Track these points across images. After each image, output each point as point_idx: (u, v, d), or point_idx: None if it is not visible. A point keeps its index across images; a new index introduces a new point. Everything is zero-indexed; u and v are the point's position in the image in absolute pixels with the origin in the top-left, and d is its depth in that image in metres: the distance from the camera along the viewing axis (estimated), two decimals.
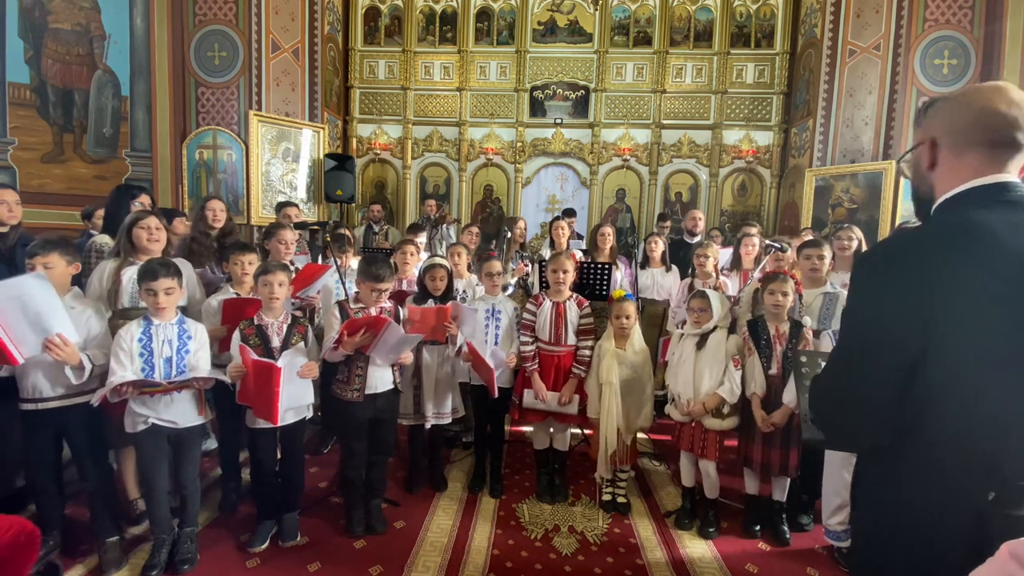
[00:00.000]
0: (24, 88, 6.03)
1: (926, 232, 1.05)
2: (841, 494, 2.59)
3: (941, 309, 0.93)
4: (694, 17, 7.54)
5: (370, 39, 7.90)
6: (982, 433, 0.93)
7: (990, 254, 0.93)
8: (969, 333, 0.92)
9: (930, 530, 0.98)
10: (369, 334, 2.48)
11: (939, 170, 1.09)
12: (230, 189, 6.39)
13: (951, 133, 1.07)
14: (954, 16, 5.97)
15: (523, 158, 7.82)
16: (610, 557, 2.62)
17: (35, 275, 2.11)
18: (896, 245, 1.06)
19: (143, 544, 2.53)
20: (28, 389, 2.25)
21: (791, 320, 2.79)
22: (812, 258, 3.01)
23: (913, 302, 0.95)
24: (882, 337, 0.99)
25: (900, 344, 0.97)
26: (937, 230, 1.04)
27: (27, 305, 2.03)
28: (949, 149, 1.07)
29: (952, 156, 1.07)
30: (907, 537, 1.02)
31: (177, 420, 2.35)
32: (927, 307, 0.94)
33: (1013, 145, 1.01)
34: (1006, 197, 1.00)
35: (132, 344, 2.25)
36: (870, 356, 1.01)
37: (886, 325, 0.98)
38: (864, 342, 1.03)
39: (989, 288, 0.91)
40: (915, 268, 0.96)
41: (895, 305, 0.97)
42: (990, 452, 0.93)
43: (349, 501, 2.77)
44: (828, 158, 6.45)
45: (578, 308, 3.07)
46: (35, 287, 2.06)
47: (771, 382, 2.72)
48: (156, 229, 2.70)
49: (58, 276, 2.27)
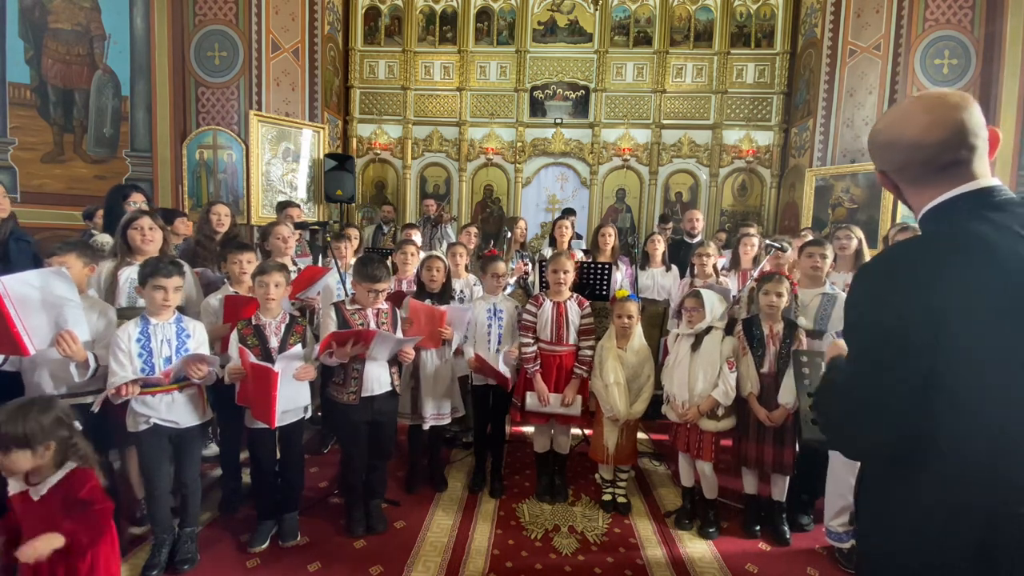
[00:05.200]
0: (24, 88, 6.02)
1: (924, 243, 1.03)
2: (844, 496, 2.60)
3: (947, 319, 0.91)
4: (694, 17, 7.53)
5: (370, 39, 7.89)
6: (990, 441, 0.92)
7: (989, 264, 0.91)
8: (976, 343, 0.91)
9: (937, 537, 0.97)
10: (360, 344, 2.47)
11: (907, 194, 1.10)
12: (230, 189, 6.39)
13: (897, 172, 1.08)
14: (954, 16, 5.96)
15: (523, 158, 7.82)
16: (610, 557, 2.62)
17: (56, 270, 2.12)
18: (897, 256, 1.04)
19: (143, 544, 2.53)
20: (32, 386, 2.27)
21: (786, 320, 2.79)
22: (815, 256, 3.01)
23: (920, 313, 0.93)
24: (893, 352, 0.96)
25: (912, 354, 0.94)
26: (934, 241, 1.03)
27: (46, 298, 2.06)
28: (903, 182, 1.08)
29: (908, 186, 1.08)
30: (914, 543, 1.01)
31: (178, 420, 2.35)
32: (934, 317, 0.92)
33: (960, 161, 1.00)
34: (993, 202, 0.98)
35: (130, 344, 2.25)
36: (883, 371, 0.98)
37: (895, 339, 0.96)
38: (874, 357, 1.00)
39: (991, 298, 0.90)
40: (918, 279, 0.95)
41: (902, 319, 0.95)
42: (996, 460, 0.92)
43: (349, 501, 2.77)
44: (828, 158, 6.44)
45: (579, 308, 3.07)
46: (56, 281, 2.08)
47: (763, 380, 2.75)
48: (149, 229, 2.70)
49: (74, 276, 2.29)
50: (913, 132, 1.01)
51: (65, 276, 2.11)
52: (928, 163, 1.01)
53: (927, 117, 1.00)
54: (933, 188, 1.03)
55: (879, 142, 1.09)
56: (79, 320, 2.15)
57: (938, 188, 1.03)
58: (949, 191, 1.01)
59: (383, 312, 2.72)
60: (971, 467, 0.94)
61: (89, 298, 2.43)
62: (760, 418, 2.71)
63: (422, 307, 2.86)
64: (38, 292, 2.04)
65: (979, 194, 1.00)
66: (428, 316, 2.84)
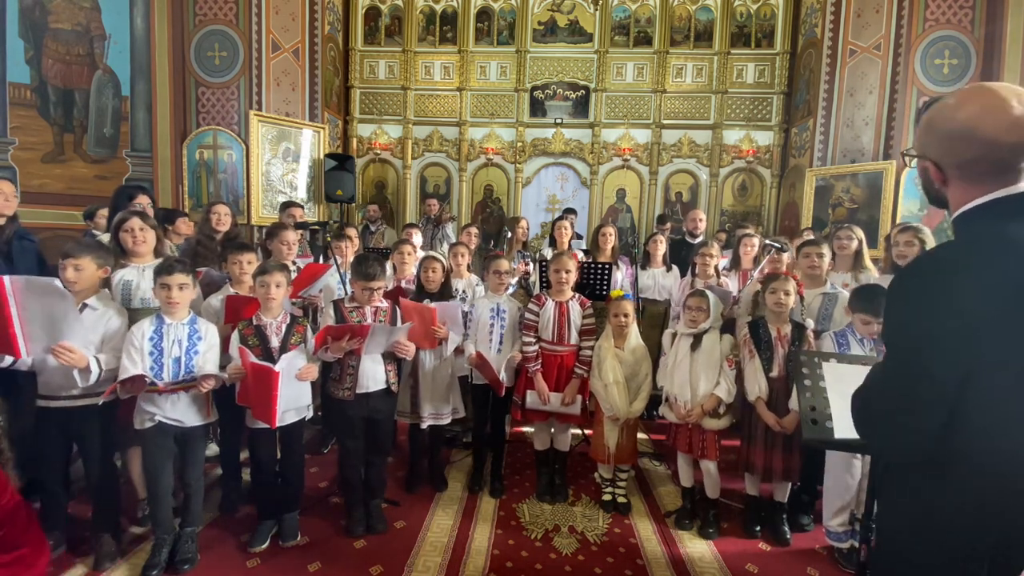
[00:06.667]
0: (24, 88, 6.02)
1: (965, 247, 1.00)
2: (843, 496, 2.59)
3: (983, 324, 0.90)
4: (694, 17, 7.54)
5: (370, 39, 7.90)
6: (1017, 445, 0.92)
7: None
8: (1009, 347, 0.90)
9: (957, 537, 0.97)
10: (356, 339, 2.49)
11: (951, 188, 1.04)
12: (230, 189, 6.39)
13: (956, 166, 1.00)
14: (954, 16, 5.96)
15: (523, 158, 7.82)
16: (610, 557, 2.62)
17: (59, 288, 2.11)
18: (936, 260, 1.02)
19: (144, 543, 2.53)
20: (43, 385, 2.30)
21: (793, 322, 2.77)
22: (811, 256, 3.00)
23: (959, 320, 0.92)
24: (932, 354, 0.95)
25: (950, 361, 0.93)
26: (976, 246, 0.98)
27: (44, 308, 2.07)
28: (957, 178, 1.01)
29: (962, 182, 1.01)
30: (932, 542, 1.01)
31: (183, 419, 2.36)
32: (972, 325, 0.91)
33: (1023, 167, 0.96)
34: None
35: (143, 342, 2.28)
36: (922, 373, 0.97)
37: (935, 342, 0.95)
38: (913, 359, 0.99)
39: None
40: (956, 283, 0.94)
41: (942, 322, 0.94)
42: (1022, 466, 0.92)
43: (349, 501, 2.77)
44: (828, 158, 6.45)
45: (580, 308, 3.08)
46: (57, 298, 2.09)
47: (772, 384, 2.70)
48: (140, 230, 2.70)
49: (87, 278, 2.34)
50: (993, 128, 0.93)
51: (66, 295, 2.12)
52: (998, 163, 0.95)
53: (1014, 113, 0.92)
54: (983, 187, 0.98)
55: (948, 130, 0.99)
56: (73, 330, 2.16)
57: (986, 188, 0.98)
58: (994, 192, 0.97)
59: (381, 310, 2.73)
60: (996, 471, 0.94)
61: (104, 298, 2.44)
62: (769, 423, 2.66)
63: (413, 305, 2.86)
64: (39, 301, 2.06)
65: (1020, 198, 0.96)
66: (420, 314, 2.84)
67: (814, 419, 1.44)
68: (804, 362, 1.58)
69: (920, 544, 1.04)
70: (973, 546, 0.96)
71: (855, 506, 2.59)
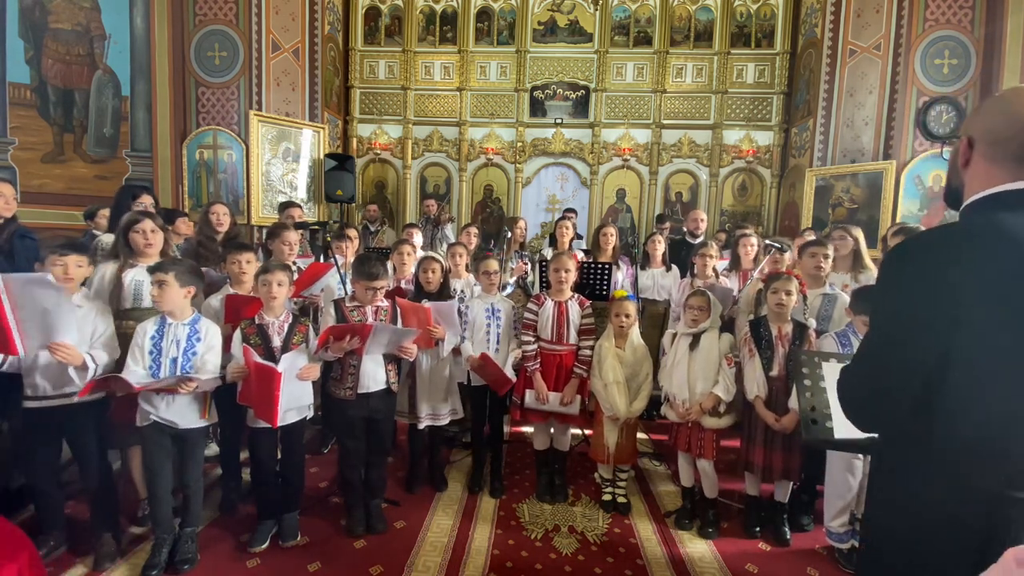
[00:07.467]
0: (24, 88, 6.02)
1: (956, 231, 1.04)
2: (844, 496, 2.59)
3: (966, 309, 0.93)
4: (694, 17, 7.53)
5: (370, 39, 7.89)
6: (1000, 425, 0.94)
7: (1015, 260, 0.92)
8: (990, 335, 0.93)
9: (943, 519, 1.00)
10: (357, 339, 2.49)
11: (970, 170, 1.08)
12: (230, 189, 6.39)
13: (990, 142, 1.04)
14: (954, 16, 5.96)
15: (523, 158, 7.82)
16: (610, 557, 2.62)
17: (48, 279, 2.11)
18: (927, 241, 1.06)
19: (143, 543, 2.53)
20: (31, 387, 2.28)
21: (794, 321, 2.77)
22: (818, 256, 3.00)
23: (940, 299, 0.96)
24: (910, 329, 1.00)
25: (927, 338, 0.98)
26: (967, 231, 1.03)
27: (39, 305, 2.07)
28: (983, 155, 1.05)
29: (984, 161, 1.05)
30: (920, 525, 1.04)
31: (176, 421, 2.35)
32: (953, 305, 0.95)
33: None
34: None
35: (145, 341, 2.29)
36: (898, 347, 1.02)
37: (914, 318, 0.99)
38: (893, 333, 1.04)
39: (1013, 293, 0.92)
40: (944, 266, 0.97)
41: (924, 300, 0.98)
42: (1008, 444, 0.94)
43: (349, 501, 2.77)
44: (828, 158, 6.44)
45: (580, 308, 3.08)
46: (48, 290, 2.09)
47: (772, 384, 2.70)
48: (151, 232, 2.70)
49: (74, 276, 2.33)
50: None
51: (55, 285, 2.12)
52: None
53: None
54: (1001, 172, 1.02)
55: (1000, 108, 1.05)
56: (69, 327, 2.17)
57: (1004, 174, 1.02)
58: (1007, 184, 1.01)
59: (382, 310, 2.73)
60: (980, 449, 0.96)
61: (86, 297, 2.43)
62: (768, 423, 2.66)
63: (408, 305, 2.86)
64: (34, 298, 2.06)
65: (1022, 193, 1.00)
66: (415, 314, 2.84)
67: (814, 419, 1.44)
68: (804, 362, 1.58)
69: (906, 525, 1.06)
70: (958, 527, 0.98)
71: (856, 506, 2.59)
